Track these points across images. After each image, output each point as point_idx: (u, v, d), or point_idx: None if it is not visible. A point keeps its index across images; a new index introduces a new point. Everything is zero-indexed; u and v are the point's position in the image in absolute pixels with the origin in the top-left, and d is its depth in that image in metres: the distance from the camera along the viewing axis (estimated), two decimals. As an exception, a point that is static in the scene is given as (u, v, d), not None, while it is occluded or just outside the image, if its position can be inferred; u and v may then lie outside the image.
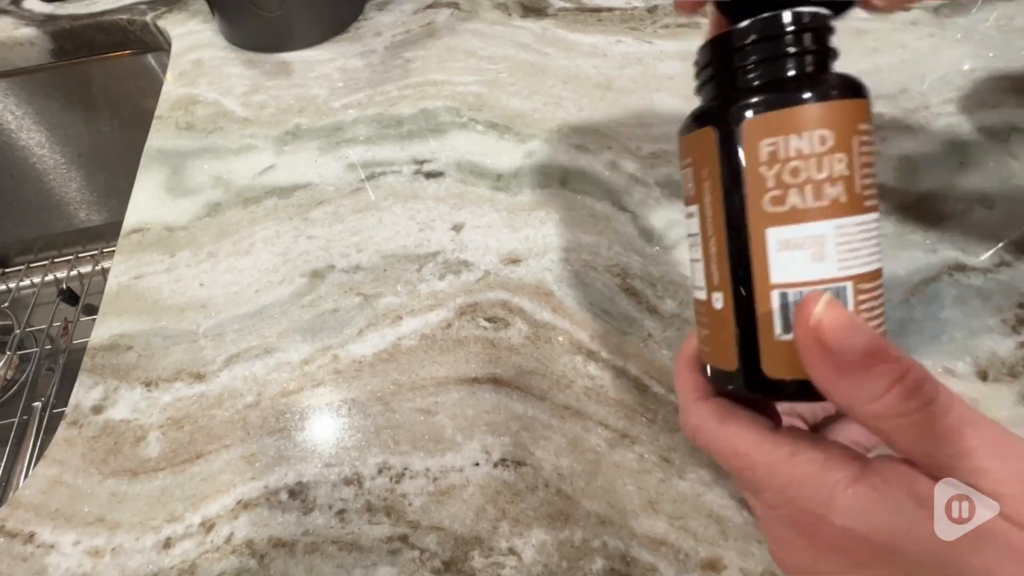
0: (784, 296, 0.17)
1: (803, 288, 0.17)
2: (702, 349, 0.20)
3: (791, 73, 0.18)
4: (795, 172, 0.17)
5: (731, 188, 0.17)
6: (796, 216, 0.17)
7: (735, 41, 0.18)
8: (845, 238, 0.17)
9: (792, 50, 0.18)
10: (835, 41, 0.18)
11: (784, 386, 0.18)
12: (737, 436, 0.19)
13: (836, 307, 0.16)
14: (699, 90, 0.20)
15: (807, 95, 0.17)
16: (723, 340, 0.19)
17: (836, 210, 0.17)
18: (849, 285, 0.17)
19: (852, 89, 0.17)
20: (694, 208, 0.19)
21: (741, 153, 0.17)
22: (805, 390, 0.17)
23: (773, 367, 0.18)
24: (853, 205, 0.17)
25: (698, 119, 0.18)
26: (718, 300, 0.18)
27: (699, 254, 0.19)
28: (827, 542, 0.17)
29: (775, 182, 0.17)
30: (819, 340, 0.16)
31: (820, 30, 0.18)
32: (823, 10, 0.18)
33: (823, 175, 0.16)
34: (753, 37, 0.18)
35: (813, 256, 0.17)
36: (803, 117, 0.17)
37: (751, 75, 0.18)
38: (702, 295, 0.19)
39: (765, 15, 0.18)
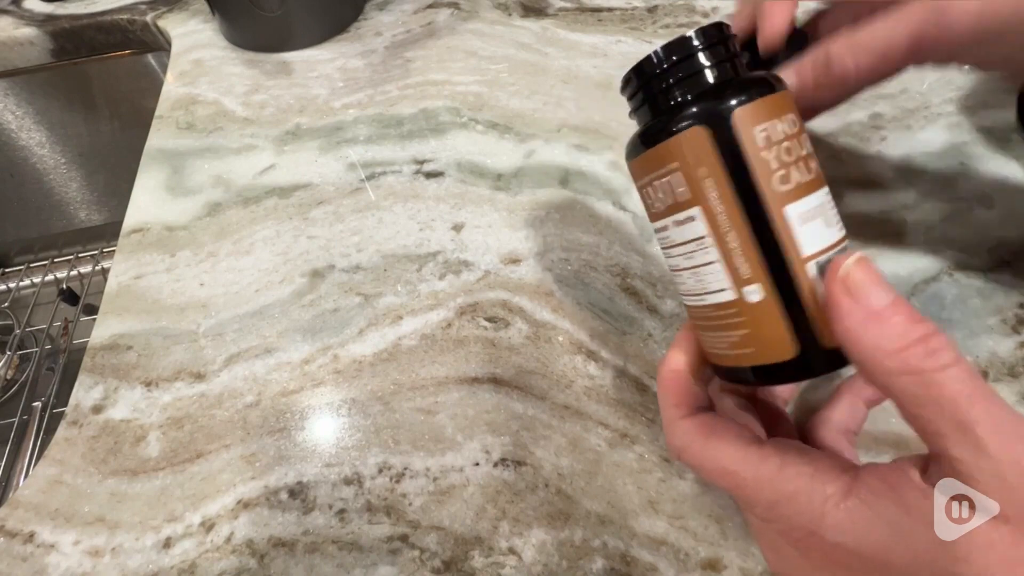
0: (818, 265, 0.18)
1: (827, 254, 0.18)
2: (732, 354, 0.19)
3: (754, 67, 0.20)
4: (788, 151, 0.18)
5: (740, 178, 0.18)
6: (803, 190, 0.18)
7: (708, 40, 0.19)
8: (831, 203, 0.19)
9: (733, 51, 0.20)
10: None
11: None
12: (724, 453, 0.19)
13: (866, 263, 0.17)
14: (657, 99, 0.20)
15: (778, 84, 0.19)
16: (771, 331, 0.18)
17: (820, 180, 0.19)
18: (847, 244, 0.19)
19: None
20: (692, 211, 0.19)
21: (742, 143, 0.18)
22: None
23: (830, 336, 0.18)
24: (822, 176, 0.19)
25: (673, 125, 0.19)
26: (754, 293, 0.18)
27: (713, 255, 0.19)
28: (820, 556, 0.17)
29: (778, 163, 0.18)
30: (848, 290, 0.16)
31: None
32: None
33: (804, 151, 0.18)
34: (725, 36, 0.20)
35: (825, 223, 0.18)
36: (780, 103, 0.18)
37: (728, 71, 0.19)
38: (726, 296, 0.19)
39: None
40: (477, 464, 0.28)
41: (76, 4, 0.61)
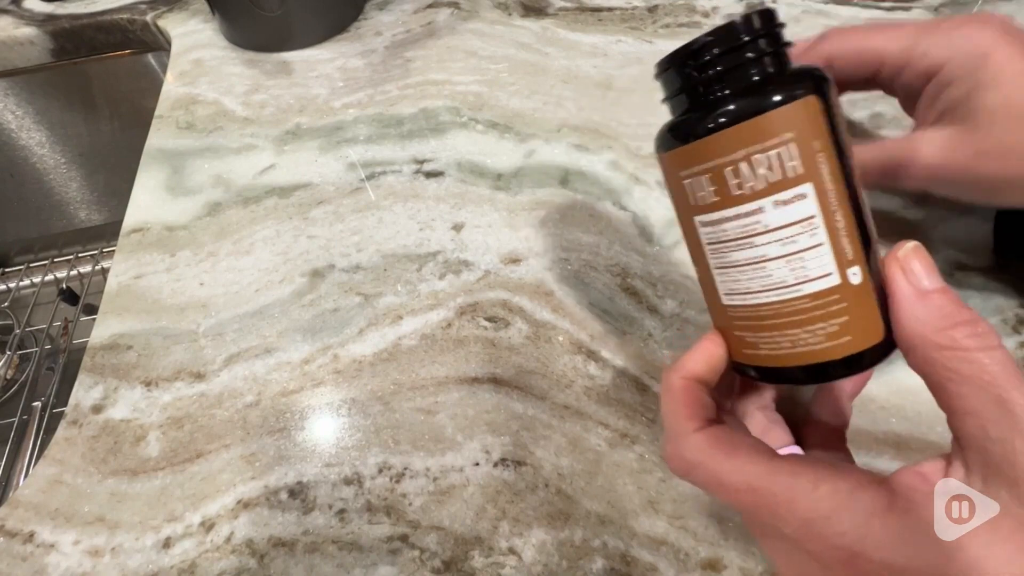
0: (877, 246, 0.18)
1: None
2: (821, 348, 0.18)
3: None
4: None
5: (842, 154, 0.17)
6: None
7: (776, 17, 0.19)
8: None
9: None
10: None
11: None
12: (749, 469, 0.18)
13: (922, 250, 0.18)
14: (753, 65, 0.18)
15: None
16: (866, 315, 0.18)
17: None
18: None
19: None
20: (804, 188, 0.17)
21: (837, 120, 0.18)
22: None
23: None
24: None
25: (785, 93, 0.17)
26: (856, 274, 0.17)
27: (821, 237, 0.17)
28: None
29: (850, 146, 0.18)
30: (904, 270, 0.17)
31: None
32: None
33: None
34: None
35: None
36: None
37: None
38: (830, 281, 0.17)
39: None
40: (477, 464, 0.28)
41: (76, 4, 0.61)
